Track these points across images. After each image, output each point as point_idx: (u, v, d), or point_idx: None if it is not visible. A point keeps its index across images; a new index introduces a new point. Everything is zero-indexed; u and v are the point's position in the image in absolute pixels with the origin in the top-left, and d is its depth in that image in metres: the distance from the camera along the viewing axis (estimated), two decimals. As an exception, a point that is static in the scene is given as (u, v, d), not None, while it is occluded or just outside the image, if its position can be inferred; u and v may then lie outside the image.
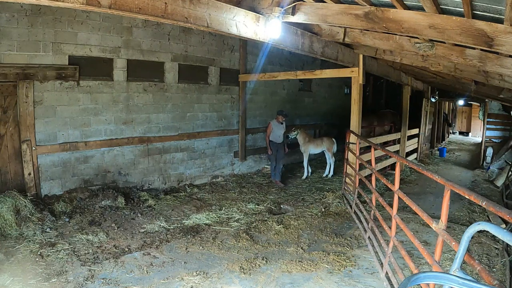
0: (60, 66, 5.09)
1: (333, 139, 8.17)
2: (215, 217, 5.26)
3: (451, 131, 19.66)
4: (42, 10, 4.83)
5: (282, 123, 7.41)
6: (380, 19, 3.48)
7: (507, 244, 4.14)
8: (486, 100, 11.23)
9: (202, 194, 6.57)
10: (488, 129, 11.97)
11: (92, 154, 5.63)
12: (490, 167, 9.82)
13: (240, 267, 3.71)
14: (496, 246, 4.38)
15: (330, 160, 8.09)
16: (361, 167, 5.78)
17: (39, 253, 3.80)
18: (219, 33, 3.68)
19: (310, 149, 7.95)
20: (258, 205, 5.94)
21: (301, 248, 4.26)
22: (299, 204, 6.13)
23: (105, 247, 4.09)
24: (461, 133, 20.72)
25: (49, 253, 3.82)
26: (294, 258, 3.99)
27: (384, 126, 9.93)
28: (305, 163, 8.00)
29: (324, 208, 5.78)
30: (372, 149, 4.79)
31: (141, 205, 5.56)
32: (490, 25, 2.92)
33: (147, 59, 6.12)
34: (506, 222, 4.90)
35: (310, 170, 8.12)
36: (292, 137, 7.86)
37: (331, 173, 8.15)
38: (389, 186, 3.64)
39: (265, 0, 3.90)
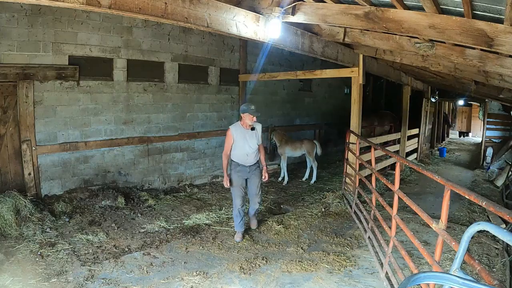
0: (60, 66, 5.08)
1: (315, 142, 7.55)
2: (215, 217, 5.26)
3: (452, 131, 19.64)
4: (42, 10, 4.83)
5: (253, 129, 4.35)
6: (380, 19, 3.48)
7: (507, 244, 4.14)
8: (486, 100, 11.24)
9: (202, 194, 6.56)
10: (488, 129, 11.98)
11: (92, 154, 5.63)
12: (490, 167, 9.83)
13: (240, 267, 3.71)
14: (496, 246, 4.38)
15: (311, 164, 7.55)
16: (361, 167, 5.78)
17: (39, 253, 3.80)
18: (219, 33, 3.68)
19: (286, 151, 7.37)
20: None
21: (301, 248, 4.26)
22: (299, 204, 6.13)
23: (105, 247, 4.09)
24: (461, 133, 20.73)
25: (49, 253, 3.82)
26: (294, 258, 3.99)
27: (384, 126, 9.93)
28: (283, 167, 7.48)
29: (324, 208, 5.77)
30: (372, 149, 4.79)
31: (141, 205, 5.56)
32: (490, 25, 2.92)
33: (147, 59, 6.12)
34: (506, 222, 4.90)
35: (287, 175, 7.57)
36: (272, 142, 7.50)
37: (313, 178, 7.51)
38: (389, 186, 3.64)
39: (265, 0, 3.90)
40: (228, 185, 4.32)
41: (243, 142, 4.31)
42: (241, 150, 4.33)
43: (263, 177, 4.52)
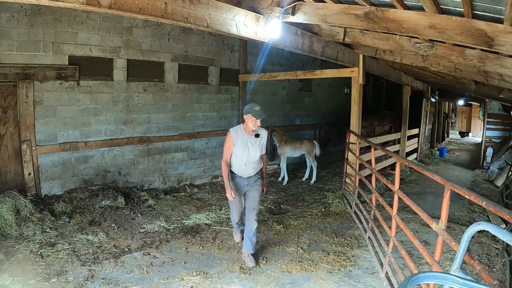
0: (60, 66, 5.08)
1: (315, 142, 7.55)
2: (215, 217, 5.25)
3: (452, 131, 19.62)
4: (42, 10, 4.83)
5: (257, 135, 3.74)
6: (380, 19, 3.48)
7: (507, 244, 4.14)
8: (486, 100, 11.23)
9: (202, 194, 6.56)
10: (488, 129, 11.97)
11: (92, 154, 5.63)
12: (490, 167, 9.83)
13: (240, 267, 3.72)
14: (496, 246, 4.38)
15: (311, 164, 7.56)
16: (361, 167, 5.78)
17: (39, 253, 3.80)
18: (219, 33, 3.68)
19: (286, 151, 7.38)
20: (258, 205, 5.93)
21: (301, 248, 4.26)
22: (299, 204, 6.13)
23: (105, 247, 4.09)
24: (461, 133, 20.73)
25: (49, 253, 3.82)
26: (294, 258, 3.99)
27: (384, 126, 9.94)
28: (283, 167, 7.50)
29: (324, 208, 5.78)
30: (372, 149, 4.79)
31: (141, 205, 5.56)
32: (490, 25, 2.92)
33: (147, 59, 6.12)
34: (506, 222, 4.90)
35: (287, 175, 7.57)
36: (273, 142, 7.52)
37: (313, 178, 7.52)
38: (389, 186, 3.64)
39: (265, 0, 3.90)
40: (234, 197, 3.61)
41: (243, 150, 3.63)
42: (240, 159, 3.65)
43: (262, 189, 3.87)
